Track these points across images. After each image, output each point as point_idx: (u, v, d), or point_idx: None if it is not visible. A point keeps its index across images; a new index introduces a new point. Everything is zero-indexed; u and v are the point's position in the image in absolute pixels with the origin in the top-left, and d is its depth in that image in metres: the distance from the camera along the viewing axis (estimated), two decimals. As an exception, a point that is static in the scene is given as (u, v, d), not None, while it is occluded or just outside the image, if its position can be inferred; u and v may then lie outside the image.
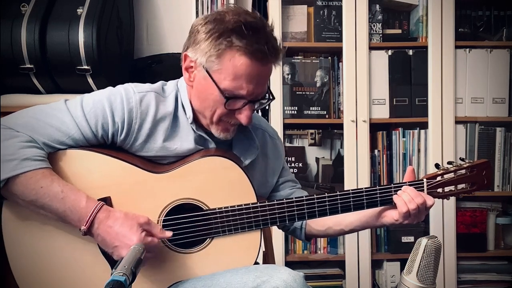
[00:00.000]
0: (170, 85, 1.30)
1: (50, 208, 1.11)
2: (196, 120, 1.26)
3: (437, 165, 1.31)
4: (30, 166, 1.09)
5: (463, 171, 1.29)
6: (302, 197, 1.24)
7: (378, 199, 1.27)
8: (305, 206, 1.24)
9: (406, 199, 1.24)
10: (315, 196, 1.24)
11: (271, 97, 1.24)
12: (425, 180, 1.28)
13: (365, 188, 1.27)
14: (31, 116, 1.17)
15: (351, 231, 1.41)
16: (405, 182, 1.28)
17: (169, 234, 1.16)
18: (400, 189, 1.27)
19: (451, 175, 1.29)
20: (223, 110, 1.19)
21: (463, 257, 2.32)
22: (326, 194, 1.25)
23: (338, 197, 1.25)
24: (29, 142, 1.12)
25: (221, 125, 1.23)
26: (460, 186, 1.31)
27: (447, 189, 1.30)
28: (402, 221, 1.26)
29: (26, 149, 1.11)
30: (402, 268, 1.44)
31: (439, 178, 1.29)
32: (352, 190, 1.26)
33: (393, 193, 1.27)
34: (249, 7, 2.31)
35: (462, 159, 1.32)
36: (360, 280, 2.25)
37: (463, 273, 2.33)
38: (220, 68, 1.15)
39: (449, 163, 1.31)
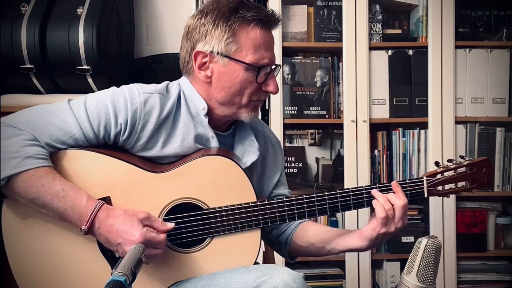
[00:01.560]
0: (174, 84, 1.30)
1: (51, 207, 1.11)
2: (208, 114, 1.26)
3: (437, 163, 1.31)
4: (33, 164, 1.09)
5: (463, 169, 1.29)
6: (302, 195, 1.24)
7: None
8: (305, 205, 1.24)
9: (382, 200, 1.21)
10: (315, 195, 1.24)
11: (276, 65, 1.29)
12: (425, 178, 1.28)
13: (365, 186, 1.26)
14: (34, 115, 1.17)
15: (331, 250, 1.32)
16: (405, 180, 1.28)
17: (170, 225, 1.16)
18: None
19: (451, 172, 1.29)
20: (253, 87, 1.23)
21: (463, 257, 2.32)
22: (326, 193, 1.24)
23: (338, 195, 1.25)
24: (32, 140, 1.12)
25: (251, 105, 1.26)
26: (460, 184, 1.31)
27: (447, 187, 1.29)
28: (380, 229, 1.21)
29: (29, 147, 1.11)
30: (402, 268, 1.43)
31: (439, 176, 1.29)
32: (352, 188, 1.26)
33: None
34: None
35: (462, 157, 1.31)
36: (360, 280, 2.25)
37: (463, 273, 2.33)
38: (239, 47, 1.20)
39: (449, 161, 1.31)
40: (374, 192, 1.24)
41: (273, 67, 1.26)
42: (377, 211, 1.21)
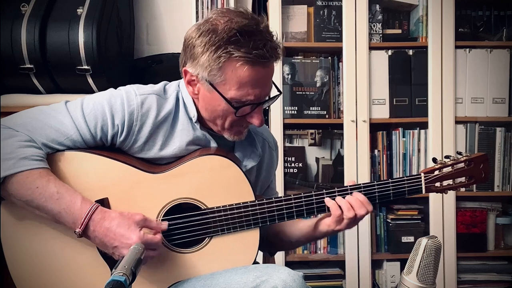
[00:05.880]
0: (172, 85, 1.30)
1: (45, 209, 1.10)
2: (200, 120, 1.26)
3: (434, 159, 1.31)
4: (27, 166, 1.09)
5: (460, 165, 1.29)
6: (301, 193, 1.24)
7: (377, 195, 1.26)
8: (304, 203, 1.24)
9: (345, 207, 1.22)
10: (313, 193, 1.24)
11: (277, 92, 1.25)
12: (422, 174, 1.28)
13: (363, 184, 1.26)
14: (31, 117, 1.17)
15: (296, 243, 1.39)
16: (403, 177, 1.28)
17: (164, 225, 1.16)
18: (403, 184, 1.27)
19: (449, 169, 1.29)
20: (234, 118, 1.19)
21: (463, 257, 2.32)
22: (325, 191, 1.25)
23: (337, 193, 1.25)
24: (28, 141, 1.12)
25: (234, 129, 1.24)
26: (458, 180, 1.30)
27: (445, 183, 1.30)
28: (335, 227, 1.25)
29: (25, 148, 1.11)
30: (402, 268, 1.44)
31: (436, 172, 1.29)
32: (350, 186, 1.26)
33: (391, 188, 1.26)
34: (249, 8, 2.31)
35: (459, 153, 1.31)
36: (360, 280, 2.25)
37: (463, 273, 2.33)
38: (223, 80, 1.14)
39: (446, 157, 1.31)
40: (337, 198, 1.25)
41: (270, 95, 1.22)
42: (332, 209, 1.23)
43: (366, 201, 1.24)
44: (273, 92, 1.24)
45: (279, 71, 2.23)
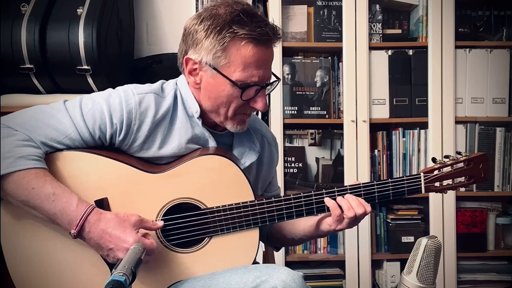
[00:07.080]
0: (170, 84, 1.30)
1: (41, 210, 1.10)
2: (202, 116, 1.26)
3: (433, 159, 1.31)
4: (24, 165, 1.09)
5: (460, 165, 1.30)
6: (300, 193, 1.24)
7: (376, 194, 1.26)
8: (303, 203, 1.24)
9: (346, 206, 1.23)
10: (313, 193, 1.24)
11: (277, 78, 1.27)
12: (422, 174, 1.28)
13: (363, 183, 1.26)
14: (30, 116, 1.17)
15: (300, 240, 1.40)
16: (403, 177, 1.28)
17: (160, 223, 1.17)
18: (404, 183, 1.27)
19: (448, 168, 1.29)
20: (239, 102, 1.20)
21: (463, 257, 2.32)
22: (324, 191, 1.25)
23: (336, 193, 1.25)
24: (26, 141, 1.12)
25: (237, 118, 1.24)
26: (457, 180, 1.31)
27: (444, 183, 1.30)
28: (336, 227, 1.25)
29: (22, 147, 1.10)
30: (402, 268, 1.44)
31: (436, 172, 1.29)
32: (349, 185, 1.26)
33: (390, 188, 1.27)
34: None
35: (458, 153, 1.32)
36: (360, 280, 2.25)
37: (463, 273, 2.33)
38: (228, 62, 1.16)
39: (446, 157, 1.31)
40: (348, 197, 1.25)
41: (270, 81, 1.24)
42: (331, 209, 1.23)
43: (364, 201, 1.24)
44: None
45: (279, 71, 2.23)
